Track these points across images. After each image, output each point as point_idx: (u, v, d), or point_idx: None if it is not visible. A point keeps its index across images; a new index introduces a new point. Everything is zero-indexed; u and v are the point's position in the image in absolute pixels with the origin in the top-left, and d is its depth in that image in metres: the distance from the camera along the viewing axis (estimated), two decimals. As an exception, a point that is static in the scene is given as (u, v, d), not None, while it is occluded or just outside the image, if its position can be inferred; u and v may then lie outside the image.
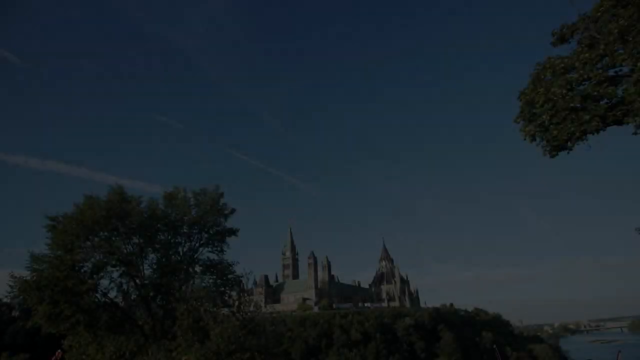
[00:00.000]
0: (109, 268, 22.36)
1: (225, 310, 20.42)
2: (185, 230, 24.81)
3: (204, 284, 20.88)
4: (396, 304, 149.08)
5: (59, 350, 9.85)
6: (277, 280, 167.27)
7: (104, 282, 22.99)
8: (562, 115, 10.36)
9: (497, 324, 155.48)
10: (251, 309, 18.73)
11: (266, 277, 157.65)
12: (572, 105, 10.33)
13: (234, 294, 23.09)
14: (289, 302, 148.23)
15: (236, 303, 19.69)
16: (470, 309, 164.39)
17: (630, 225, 12.54)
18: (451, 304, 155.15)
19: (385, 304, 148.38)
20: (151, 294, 22.39)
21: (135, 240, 23.36)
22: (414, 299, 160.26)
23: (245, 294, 22.36)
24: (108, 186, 23.46)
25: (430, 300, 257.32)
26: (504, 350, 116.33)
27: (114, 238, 22.63)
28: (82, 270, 21.25)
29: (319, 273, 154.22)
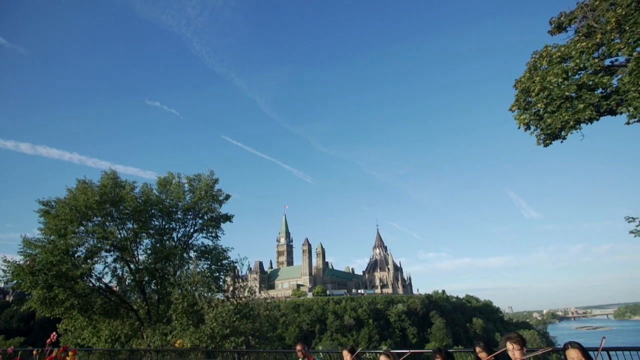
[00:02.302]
0: (103, 253, 22.33)
1: (219, 295, 20.58)
2: (179, 216, 24.77)
3: (198, 270, 20.94)
4: (389, 290, 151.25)
5: (54, 333, 9.88)
6: (271, 267, 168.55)
7: (98, 267, 23.03)
8: (556, 104, 10.39)
9: (488, 311, 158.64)
10: (245, 294, 18.86)
11: (261, 263, 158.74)
12: (567, 94, 10.36)
13: (228, 279, 23.23)
14: (283, 288, 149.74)
15: (230, 288, 19.84)
16: (461, 295, 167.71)
17: (620, 214, 12.73)
18: (443, 291, 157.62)
19: (378, 291, 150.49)
20: (146, 278, 22.46)
21: (130, 225, 23.29)
22: (407, 285, 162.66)
23: (240, 280, 22.52)
24: (101, 171, 23.27)
25: (422, 287, 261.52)
26: (493, 336, 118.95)
27: (107, 223, 22.53)
28: (76, 255, 21.20)
29: (314, 260, 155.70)
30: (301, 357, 5.22)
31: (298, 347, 5.38)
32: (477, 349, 4.80)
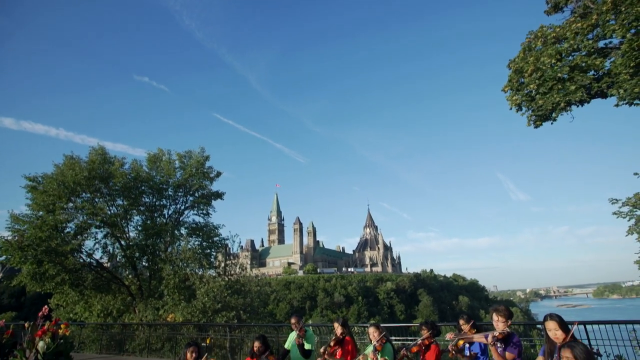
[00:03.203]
0: (93, 229, 22.26)
1: (211, 272, 20.81)
2: (170, 193, 24.67)
3: (189, 246, 21.06)
4: (379, 269, 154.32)
5: (46, 306, 9.90)
6: (262, 245, 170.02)
7: (89, 244, 23.03)
8: (549, 85, 10.41)
9: (474, 289, 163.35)
10: (237, 270, 19.09)
11: (252, 241, 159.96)
12: (559, 75, 10.37)
13: (219, 256, 23.43)
14: (274, 266, 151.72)
15: (222, 264, 20.03)
16: (449, 274, 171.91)
17: (604, 197, 13.04)
18: (431, 270, 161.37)
19: (368, 269, 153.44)
20: (136, 254, 22.54)
21: (119, 202, 23.16)
22: (396, 264, 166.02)
23: (231, 257, 22.74)
24: (89, 147, 22.91)
25: (411, 266, 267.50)
26: (478, 313, 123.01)
27: (97, 199, 22.37)
28: (65, 231, 21.11)
29: (305, 238, 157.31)
30: (295, 330, 5.34)
31: (293, 320, 5.49)
32: (461, 322, 4.98)
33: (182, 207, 25.13)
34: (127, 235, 23.36)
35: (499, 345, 4.12)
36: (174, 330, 15.46)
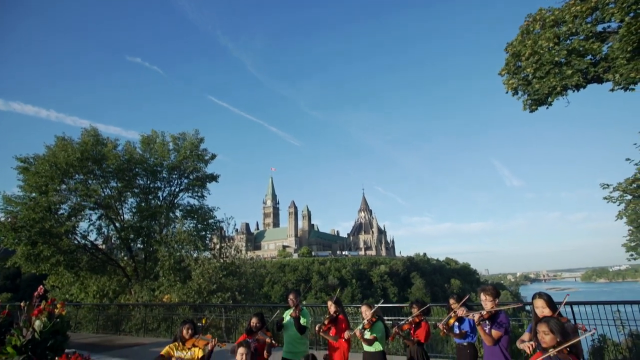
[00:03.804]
0: (87, 211, 22.21)
1: (206, 254, 20.95)
2: (164, 175, 24.56)
3: (184, 228, 21.13)
4: (373, 252, 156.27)
5: (41, 286, 9.93)
6: (257, 229, 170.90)
7: (83, 225, 22.98)
8: (545, 69, 10.36)
9: (465, 273, 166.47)
10: (232, 252, 19.22)
11: (247, 224, 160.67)
12: (556, 59, 10.31)
13: (214, 238, 23.55)
14: (269, 249, 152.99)
15: (217, 247, 20.14)
16: (441, 258, 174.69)
17: (596, 182, 13.19)
18: (424, 254, 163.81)
19: (362, 253, 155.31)
20: (131, 236, 22.56)
21: (113, 184, 23.05)
22: (390, 248, 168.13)
23: (226, 240, 22.87)
24: (81, 128, 22.60)
25: (405, 249, 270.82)
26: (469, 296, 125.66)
27: (90, 181, 22.23)
28: (59, 213, 21.04)
29: (299, 222, 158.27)
30: (292, 306, 5.45)
31: (291, 296, 5.58)
32: (451, 301, 5.09)
33: (177, 190, 25.08)
34: (122, 217, 23.34)
35: (486, 323, 4.24)
36: (170, 310, 15.65)
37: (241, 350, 4.05)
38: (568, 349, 2.93)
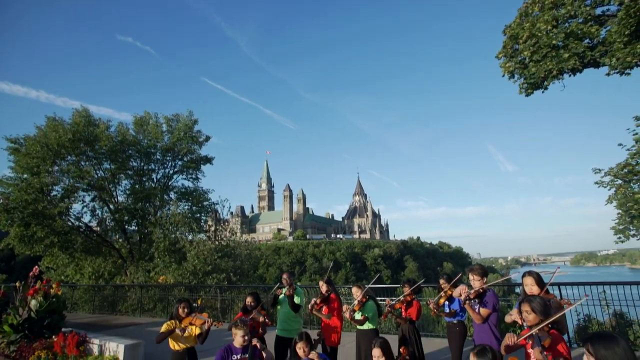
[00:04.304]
0: (81, 193, 22.11)
1: (201, 236, 21.06)
2: (158, 157, 24.39)
3: (179, 211, 21.15)
4: (367, 236, 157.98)
5: (36, 267, 9.99)
6: (252, 212, 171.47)
7: (77, 207, 22.89)
8: (542, 52, 10.30)
9: (458, 256, 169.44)
10: (227, 234, 19.34)
11: (242, 207, 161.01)
12: (554, 42, 10.25)
13: (209, 220, 23.63)
14: (264, 232, 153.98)
15: (212, 229, 20.24)
16: (435, 242, 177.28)
17: (589, 168, 13.34)
18: (418, 237, 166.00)
19: (356, 236, 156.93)
20: (126, 218, 22.54)
21: (106, 165, 22.86)
22: (384, 231, 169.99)
23: (221, 222, 22.97)
24: (72, 108, 22.21)
25: (399, 233, 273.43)
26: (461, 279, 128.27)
27: (83, 163, 22.03)
28: (52, 194, 20.92)
29: (294, 205, 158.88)
30: (286, 286, 5.54)
31: (284, 276, 5.69)
32: (441, 281, 5.20)
33: (171, 172, 24.97)
34: (116, 199, 23.27)
35: (475, 302, 4.34)
36: (166, 291, 15.82)
37: (240, 332, 4.02)
38: (549, 326, 3.00)
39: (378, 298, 6.60)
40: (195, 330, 4.51)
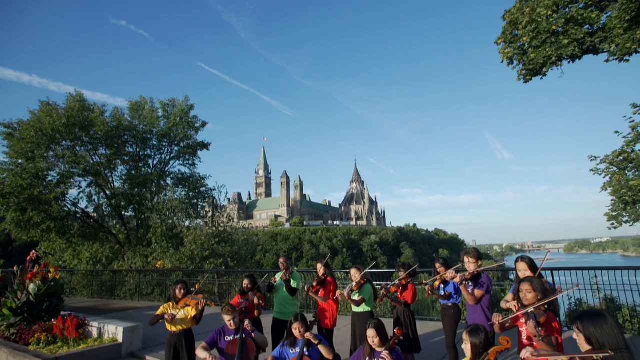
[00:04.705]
0: (77, 178, 22.01)
1: (198, 221, 21.13)
2: (154, 143, 24.24)
3: (176, 196, 21.14)
4: (364, 222, 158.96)
5: (33, 251, 10.01)
6: (250, 198, 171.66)
7: (73, 193, 22.86)
8: (542, 38, 10.21)
9: (454, 243, 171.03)
10: (224, 219, 19.39)
11: (239, 194, 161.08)
12: (554, 28, 10.14)
13: (206, 205, 23.67)
14: (261, 218, 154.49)
15: (209, 214, 20.28)
16: (431, 229, 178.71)
17: (585, 156, 13.38)
18: (414, 224, 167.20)
19: (353, 223, 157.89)
20: (122, 204, 22.52)
21: (102, 151, 22.72)
22: (381, 218, 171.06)
23: (219, 209, 23.02)
24: (66, 93, 21.89)
25: (395, 220, 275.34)
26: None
27: (78, 148, 21.87)
28: (48, 180, 20.83)
29: (292, 192, 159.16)
30: (283, 270, 5.61)
31: (281, 260, 5.76)
32: (437, 265, 5.26)
33: (168, 157, 24.85)
34: (112, 184, 23.20)
35: (469, 284, 4.44)
36: (164, 276, 15.94)
37: (227, 317, 4.18)
38: (546, 307, 3.09)
39: (374, 283, 6.69)
40: (192, 312, 4.59)
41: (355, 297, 5.07)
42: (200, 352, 3.94)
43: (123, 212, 23.44)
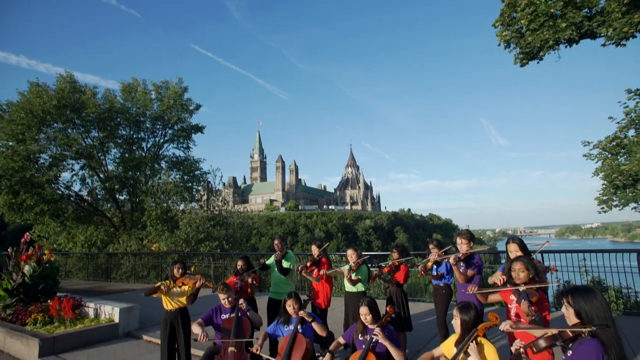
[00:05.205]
0: (69, 161, 21.77)
1: (193, 205, 21.11)
2: (148, 126, 23.94)
3: (170, 179, 21.03)
4: (358, 207, 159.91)
5: (27, 233, 10.00)
6: (245, 183, 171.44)
7: (66, 176, 22.67)
8: (540, 21, 10.12)
9: (447, 228, 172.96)
10: (219, 203, 19.40)
11: (234, 178, 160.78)
12: (552, 11, 10.05)
13: (201, 189, 23.61)
14: (256, 203, 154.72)
15: (204, 197, 20.27)
16: (425, 214, 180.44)
17: (579, 140, 13.45)
18: (409, 209, 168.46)
19: (348, 207, 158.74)
20: (116, 187, 22.37)
21: (95, 133, 22.42)
22: (376, 203, 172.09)
23: (214, 193, 22.98)
24: (56, 73, 21.42)
25: (390, 205, 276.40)
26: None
27: (70, 130, 21.56)
28: (40, 162, 20.60)
29: (287, 176, 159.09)
30: (278, 250, 5.68)
31: (276, 241, 5.83)
32: (431, 246, 5.34)
33: (162, 140, 24.58)
34: (105, 167, 23.00)
35: (462, 264, 4.53)
36: (159, 258, 16.03)
37: (222, 296, 4.27)
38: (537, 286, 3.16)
39: (369, 265, 6.77)
40: (188, 290, 4.66)
41: (353, 276, 5.16)
42: (195, 328, 4.03)
43: (117, 196, 23.32)
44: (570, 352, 2.11)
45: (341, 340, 3.61)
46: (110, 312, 7.49)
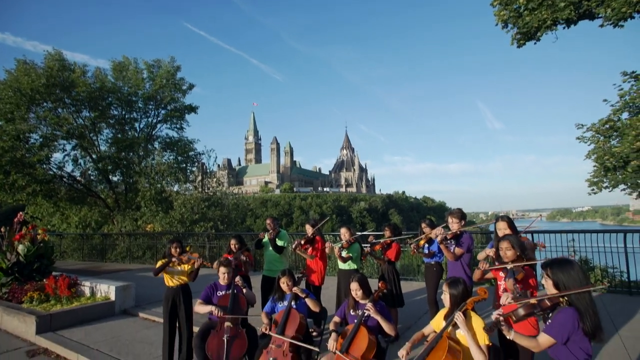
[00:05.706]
0: (60, 141, 21.46)
1: (187, 186, 21.05)
2: (140, 106, 23.55)
3: (164, 160, 20.87)
4: (353, 189, 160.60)
5: (20, 212, 9.95)
6: (240, 164, 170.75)
7: (58, 156, 22.38)
8: (538, 0, 9.96)
9: (441, 210, 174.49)
10: (213, 184, 19.38)
11: (229, 160, 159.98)
12: (551, -11, 9.88)
13: (195, 170, 23.50)
14: (251, 185, 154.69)
15: (198, 178, 20.21)
16: (419, 196, 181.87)
17: (572, 124, 13.48)
18: (403, 192, 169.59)
19: (343, 189, 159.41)
20: (109, 167, 22.16)
21: (86, 113, 22.03)
22: (370, 185, 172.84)
23: (208, 174, 22.89)
24: (44, 51, 20.78)
25: (385, 187, 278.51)
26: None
27: (60, 110, 21.15)
28: (30, 142, 20.28)
29: (282, 158, 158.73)
30: (270, 229, 5.74)
31: (268, 221, 5.90)
32: (423, 225, 5.41)
33: (154, 121, 24.21)
34: (98, 148, 22.73)
35: (451, 243, 4.61)
36: (154, 239, 16.09)
37: (222, 270, 4.34)
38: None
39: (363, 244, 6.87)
40: (187, 269, 4.70)
41: (344, 253, 5.24)
42: (200, 308, 4.13)
43: (110, 176, 23.13)
44: (550, 321, 2.25)
45: (336, 318, 3.70)
46: (107, 290, 7.57)
